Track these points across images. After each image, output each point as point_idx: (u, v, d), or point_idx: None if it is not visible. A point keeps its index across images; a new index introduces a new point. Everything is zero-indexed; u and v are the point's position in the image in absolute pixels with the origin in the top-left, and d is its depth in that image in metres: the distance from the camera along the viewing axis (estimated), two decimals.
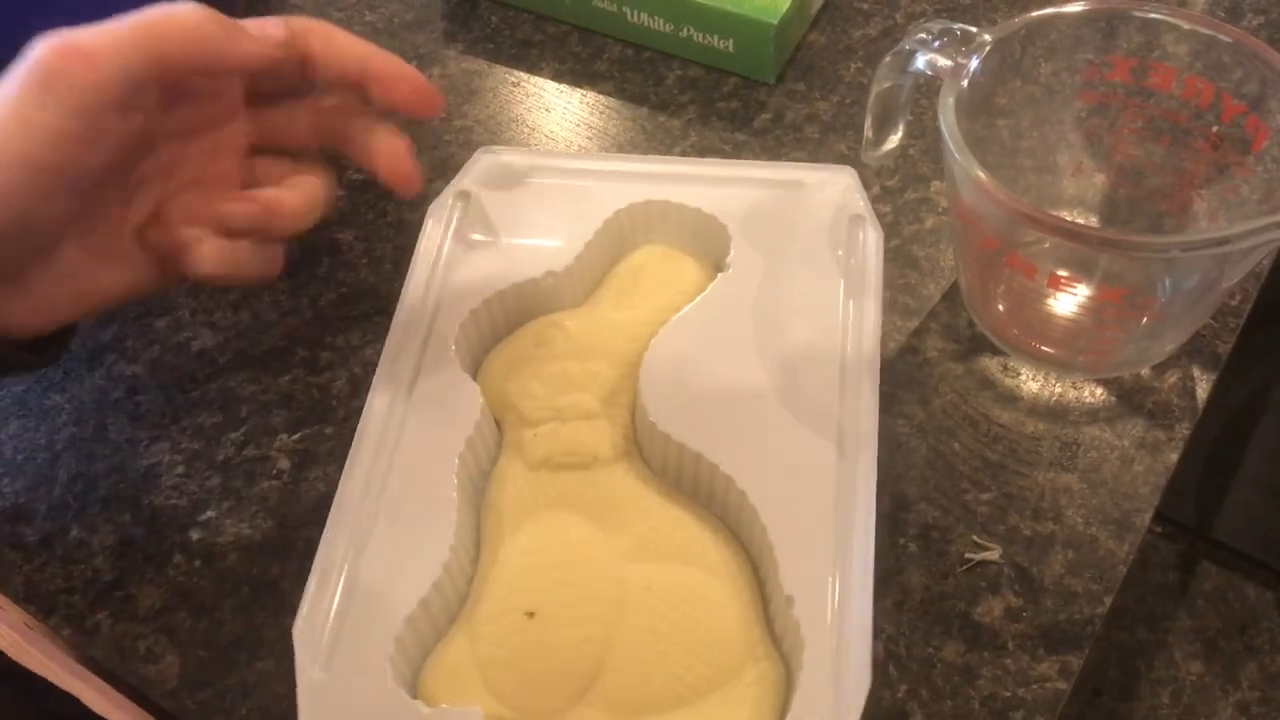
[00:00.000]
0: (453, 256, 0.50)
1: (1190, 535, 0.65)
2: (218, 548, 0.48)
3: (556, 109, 0.62)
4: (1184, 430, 0.48)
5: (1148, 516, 0.46)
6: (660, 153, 0.59)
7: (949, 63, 0.46)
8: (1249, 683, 0.62)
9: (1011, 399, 0.49)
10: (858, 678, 0.38)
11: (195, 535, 0.48)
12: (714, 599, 0.42)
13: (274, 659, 0.45)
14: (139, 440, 0.51)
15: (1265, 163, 0.47)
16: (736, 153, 0.59)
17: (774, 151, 0.59)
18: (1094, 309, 0.47)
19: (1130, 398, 0.49)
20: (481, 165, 0.53)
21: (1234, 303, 0.52)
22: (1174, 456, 0.48)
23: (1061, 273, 0.46)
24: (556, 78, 0.64)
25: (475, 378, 0.48)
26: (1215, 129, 0.49)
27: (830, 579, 0.41)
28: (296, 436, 0.50)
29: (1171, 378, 0.50)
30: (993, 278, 0.50)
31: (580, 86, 0.63)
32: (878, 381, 0.45)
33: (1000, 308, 0.50)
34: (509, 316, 0.50)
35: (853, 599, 0.40)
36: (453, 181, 0.52)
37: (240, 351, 0.53)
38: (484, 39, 0.66)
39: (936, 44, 0.47)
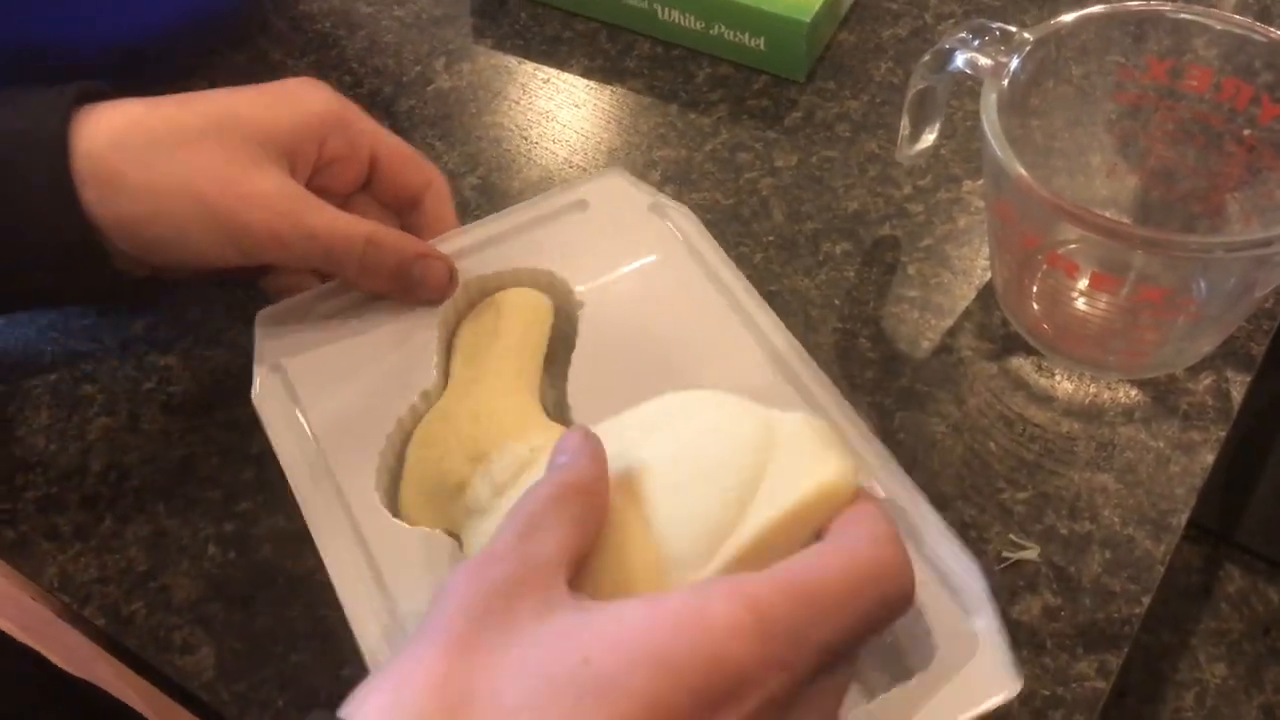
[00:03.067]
0: (312, 428, 0.45)
1: (1214, 538, 0.66)
2: (252, 539, 0.48)
3: (586, 105, 0.62)
4: (1219, 432, 0.48)
5: (1184, 517, 0.46)
6: (691, 150, 0.59)
7: (989, 61, 0.47)
8: (1273, 686, 0.62)
9: (1046, 398, 0.49)
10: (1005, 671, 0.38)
11: (230, 527, 0.48)
12: (715, 415, 0.38)
13: (310, 652, 0.44)
14: (172, 431, 0.51)
15: None
16: (767, 151, 0.59)
17: (805, 150, 0.59)
18: (1131, 309, 0.47)
19: (1165, 399, 0.49)
20: (268, 325, 0.48)
21: (1268, 305, 0.52)
22: (1210, 458, 0.48)
23: (1100, 272, 0.46)
24: (586, 74, 0.64)
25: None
26: (1249, 132, 0.49)
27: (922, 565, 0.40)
28: None
29: (1206, 379, 0.50)
30: (1029, 276, 0.50)
31: (610, 83, 0.63)
32: (777, 320, 0.46)
33: (1035, 307, 0.51)
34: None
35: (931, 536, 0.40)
36: (256, 359, 0.47)
37: None
38: (513, 35, 0.66)
39: (976, 43, 0.47)
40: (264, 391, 0.46)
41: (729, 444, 0.36)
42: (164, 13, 0.61)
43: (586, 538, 0.33)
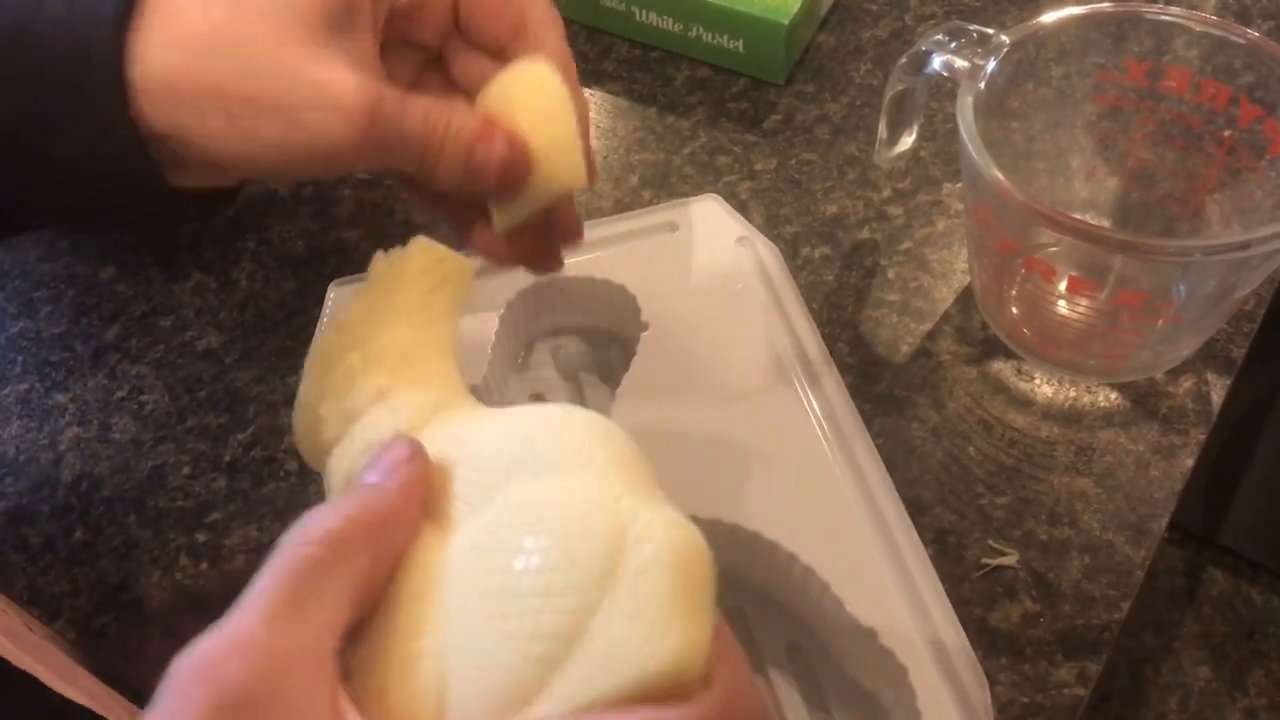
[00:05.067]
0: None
1: (1197, 541, 0.65)
2: (225, 550, 0.47)
3: None
4: (1199, 435, 0.48)
5: (1164, 521, 0.46)
6: (670, 153, 0.59)
7: (966, 64, 0.46)
8: (1256, 689, 0.62)
9: (1026, 402, 0.49)
10: (976, 687, 0.39)
11: (202, 537, 0.47)
12: (559, 501, 0.29)
13: None
14: (144, 441, 0.50)
15: (1279, 167, 0.47)
16: (746, 154, 0.58)
17: (784, 153, 0.58)
18: (1110, 313, 0.47)
19: (1145, 402, 0.49)
20: (340, 301, 0.49)
21: (1248, 307, 0.52)
22: (1189, 462, 0.47)
23: (1078, 275, 0.46)
24: None
25: None
26: (1228, 133, 0.48)
27: (900, 596, 0.41)
28: None
29: (1186, 382, 0.49)
30: (1007, 280, 0.50)
31: (588, 86, 0.63)
32: (840, 380, 0.47)
33: (1014, 310, 0.50)
34: None
35: (929, 606, 0.40)
36: (319, 327, 0.48)
37: (247, 351, 0.53)
38: None
39: (953, 45, 0.47)
40: None
41: (562, 563, 0.28)
42: None
43: (370, 594, 0.28)
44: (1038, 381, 0.50)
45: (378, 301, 0.37)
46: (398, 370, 0.35)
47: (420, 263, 0.37)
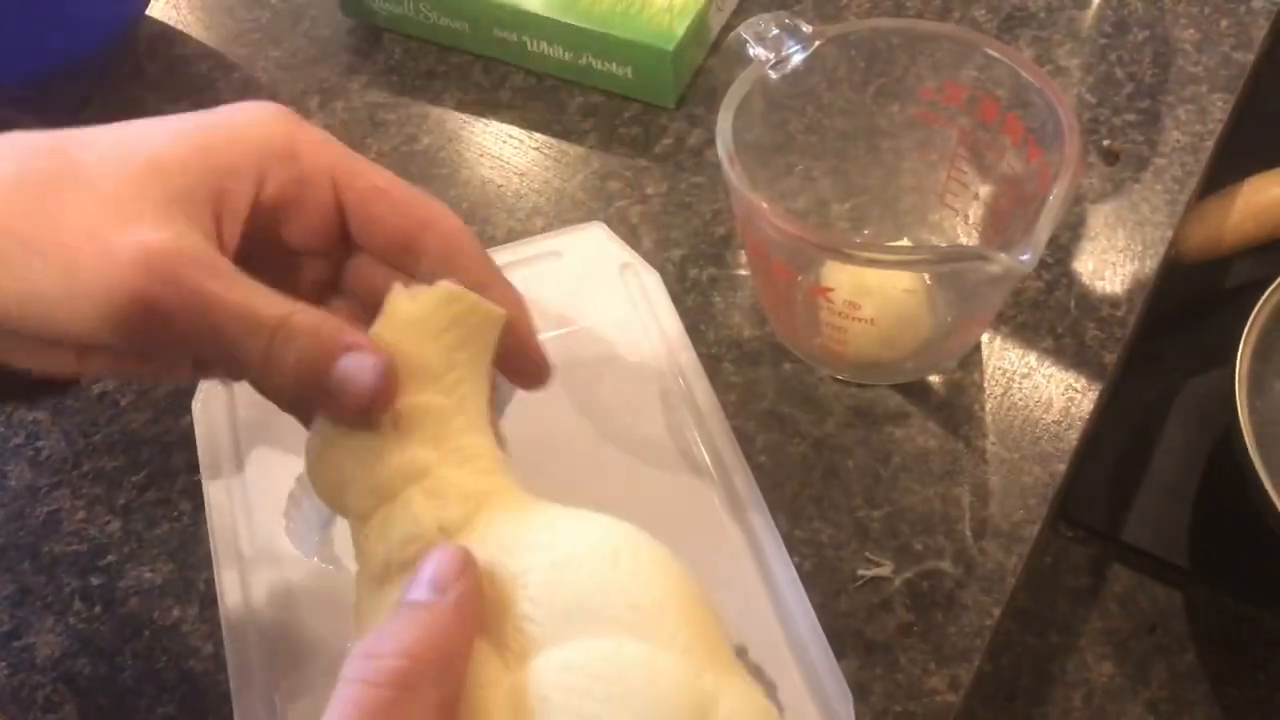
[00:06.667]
0: (244, 447, 0.48)
1: (1101, 539, 0.67)
2: (119, 592, 0.48)
3: (460, 139, 0.62)
4: (1071, 441, 0.49)
5: (1036, 528, 0.47)
6: (564, 180, 0.60)
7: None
8: (1158, 682, 0.63)
9: (901, 415, 0.50)
10: (840, 699, 0.40)
11: (95, 581, 0.48)
12: (642, 681, 0.29)
13: (175, 703, 0.45)
14: (39, 487, 0.51)
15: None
16: (637, 178, 0.60)
17: (674, 177, 0.59)
18: (826, 306, 0.47)
19: (1020, 411, 0.50)
20: None
21: (1120, 313, 0.53)
22: (1061, 467, 0.49)
23: (817, 282, 0.47)
24: (460, 108, 0.64)
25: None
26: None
27: (771, 613, 0.42)
28: (198, 477, 0.50)
29: (1059, 390, 0.51)
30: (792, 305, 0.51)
31: (484, 116, 0.63)
32: (719, 405, 0.48)
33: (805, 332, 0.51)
34: None
35: (798, 623, 0.42)
36: None
37: (142, 392, 0.53)
38: (387, 71, 0.66)
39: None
40: (206, 399, 0.49)
41: None
42: (23, 60, 0.60)
43: None
44: (913, 395, 0.51)
45: (402, 354, 0.33)
46: (432, 444, 0.33)
47: (449, 312, 0.34)
